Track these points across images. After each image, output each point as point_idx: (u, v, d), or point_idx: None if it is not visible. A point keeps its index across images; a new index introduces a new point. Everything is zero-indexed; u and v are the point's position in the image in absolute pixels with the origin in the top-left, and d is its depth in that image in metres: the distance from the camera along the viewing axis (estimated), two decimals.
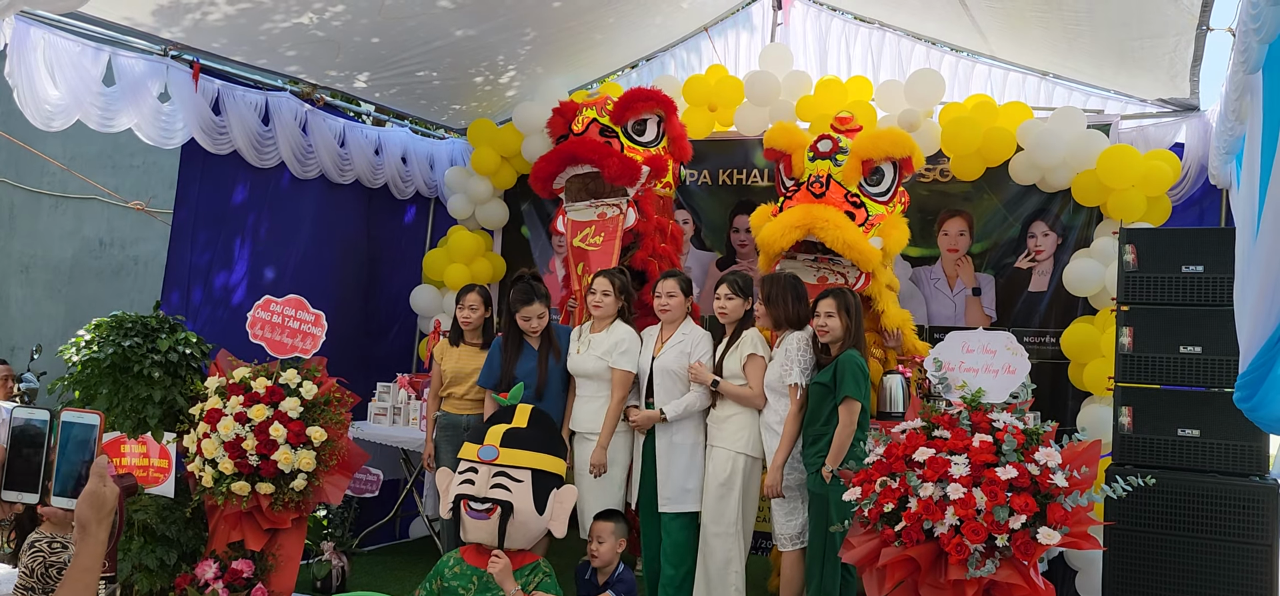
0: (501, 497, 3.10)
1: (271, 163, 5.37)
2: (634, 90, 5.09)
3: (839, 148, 4.62)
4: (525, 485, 3.13)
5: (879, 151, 4.57)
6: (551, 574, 3.27)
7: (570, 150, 4.96)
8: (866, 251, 4.39)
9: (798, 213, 4.45)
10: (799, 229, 4.40)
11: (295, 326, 4.39)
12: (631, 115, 4.98)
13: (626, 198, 4.99)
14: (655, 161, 5.02)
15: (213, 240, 5.23)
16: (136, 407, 4.13)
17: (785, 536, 4.21)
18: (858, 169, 4.56)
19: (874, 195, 4.61)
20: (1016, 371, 3.49)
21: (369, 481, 5.53)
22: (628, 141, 4.99)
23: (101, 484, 1.64)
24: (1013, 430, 3.15)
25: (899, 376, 4.50)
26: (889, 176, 4.65)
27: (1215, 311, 3.93)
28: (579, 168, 4.99)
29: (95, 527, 1.63)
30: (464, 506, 3.13)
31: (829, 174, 4.57)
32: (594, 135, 4.98)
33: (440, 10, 4.90)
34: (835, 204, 4.48)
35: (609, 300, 4.48)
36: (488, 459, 3.14)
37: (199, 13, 4.45)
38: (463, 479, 3.18)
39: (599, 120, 5.01)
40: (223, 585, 3.99)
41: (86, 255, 8.94)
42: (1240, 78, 3.42)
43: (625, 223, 4.98)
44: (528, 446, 3.18)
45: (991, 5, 4.98)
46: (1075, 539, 3.00)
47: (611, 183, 4.89)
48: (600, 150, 4.87)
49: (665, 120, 5.11)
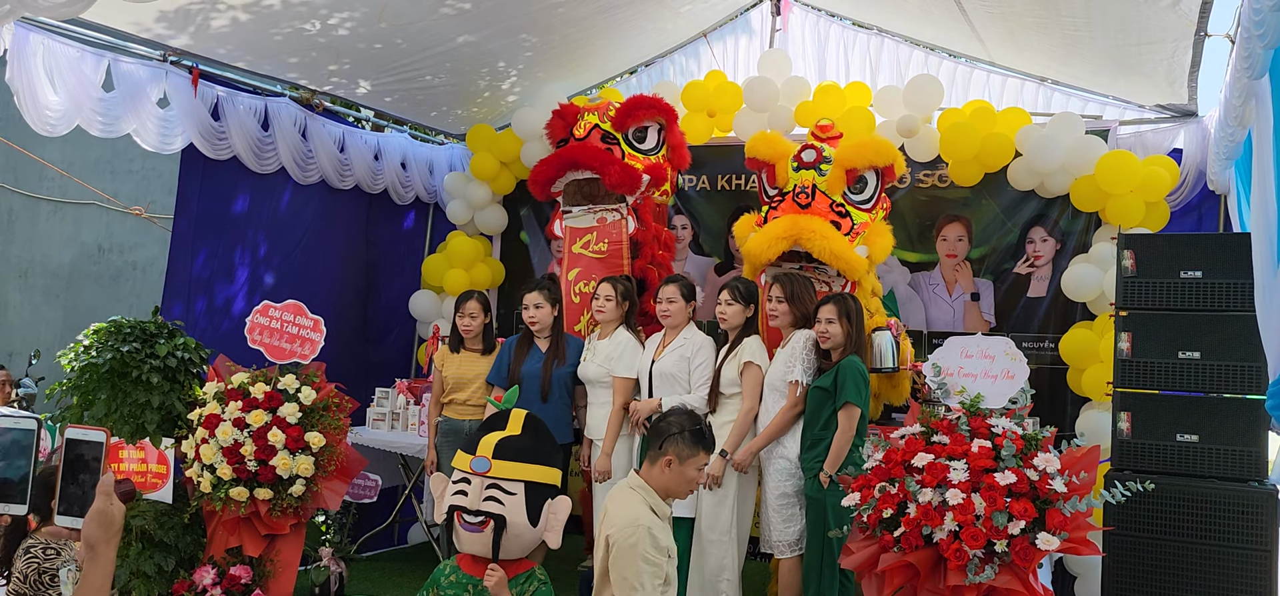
0: (494, 510, 3.08)
1: (271, 168, 5.38)
2: (636, 97, 5.09)
3: (823, 157, 4.63)
4: (518, 498, 3.11)
5: (862, 160, 4.59)
6: (547, 581, 3.25)
7: (571, 155, 4.96)
8: (853, 261, 4.40)
9: (784, 224, 4.45)
10: (786, 240, 4.41)
11: (294, 332, 4.39)
12: (633, 122, 4.99)
13: (625, 205, 4.99)
14: (656, 170, 5.02)
15: (213, 247, 5.24)
16: (135, 413, 4.13)
17: (783, 543, 4.20)
18: (842, 178, 4.58)
19: (858, 203, 4.63)
20: (1015, 377, 3.50)
21: (367, 487, 5.52)
22: (628, 148, 4.99)
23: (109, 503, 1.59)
24: (1011, 436, 3.15)
25: (888, 333, 4.49)
26: (872, 184, 4.67)
27: (1214, 317, 3.93)
28: (579, 173, 4.99)
29: (103, 548, 1.58)
30: (458, 517, 3.12)
31: (814, 184, 4.58)
32: (595, 141, 4.98)
33: (441, 17, 4.90)
34: (821, 214, 4.49)
35: (611, 305, 4.51)
36: (480, 471, 3.12)
37: (200, 19, 4.45)
38: (456, 489, 3.16)
39: (601, 126, 5.01)
40: (221, 591, 3.99)
41: (85, 260, 8.95)
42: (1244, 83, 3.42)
43: (629, 230, 4.98)
44: (521, 458, 3.15)
45: (990, 11, 4.99)
46: (1074, 544, 3.00)
47: (612, 190, 4.90)
48: (602, 157, 4.87)
49: (666, 128, 5.11)
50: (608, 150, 4.93)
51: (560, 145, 5.14)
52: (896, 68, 5.90)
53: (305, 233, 5.71)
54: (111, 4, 4.18)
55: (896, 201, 5.48)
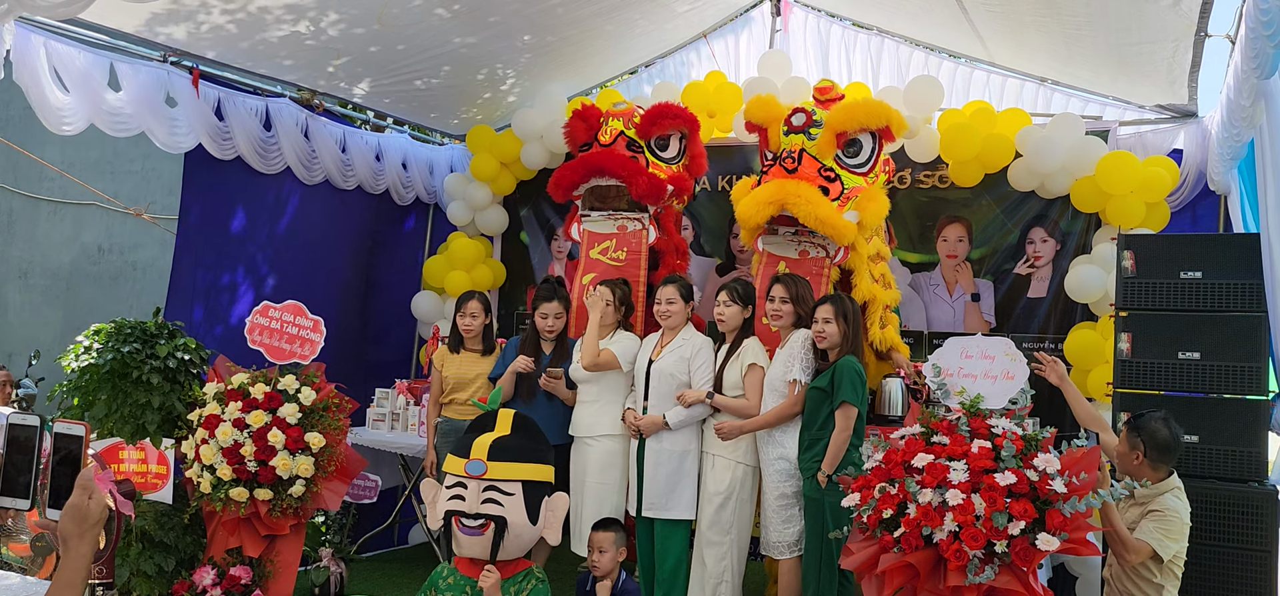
0: (494, 513, 3.08)
1: (277, 169, 5.38)
2: (660, 106, 5.02)
3: (813, 121, 4.60)
4: (517, 498, 3.11)
5: (853, 123, 4.52)
6: (544, 580, 3.25)
7: (598, 163, 4.90)
8: (840, 226, 4.35)
9: (771, 188, 4.44)
10: (772, 205, 4.39)
11: (294, 332, 4.38)
12: (657, 131, 4.95)
13: (647, 213, 4.98)
14: (679, 180, 4.99)
15: (218, 249, 5.24)
16: (135, 414, 4.13)
17: (782, 544, 4.19)
18: (832, 142, 4.52)
19: (852, 167, 4.57)
20: (1015, 377, 3.49)
21: (367, 487, 5.52)
22: (651, 156, 4.98)
23: (85, 497, 1.58)
24: (1012, 436, 3.15)
25: (899, 380, 4.49)
26: (868, 147, 4.59)
27: (1214, 317, 3.93)
28: (604, 179, 4.96)
29: (76, 542, 1.57)
30: (456, 522, 3.11)
31: (802, 148, 4.55)
32: (621, 148, 4.94)
33: (440, 18, 4.90)
34: (808, 178, 4.45)
35: (609, 309, 4.52)
36: (476, 474, 3.11)
37: (196, 20, 4.45)
38: (452, 494, 3.15)
39: (626, 133, 4.98)
40: (221, 591, 3.99)
41: (85, 261, 8.94)
42: (1252, 84, 3.42)
43: (649, 240, 4.98)
44: (516, 457, 3.15)
45: (991, 11, 4.99)
46: (1074, 545, 2.99)
47: (637, 200, 4.89)
48: (629, 167, 4.82)
49: (688, 138, 5.09)
50: (634, 159, 4.91)
51: (582, 148, 5.11)
52: (897, 68, 5.90)
53: (308, 233, 5.71)
54: (110, 4, 4.18)
55: (897, 201, 5.49)
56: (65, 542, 1.57)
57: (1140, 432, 3.42)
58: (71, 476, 1.65)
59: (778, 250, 4.72)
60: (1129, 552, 3.38)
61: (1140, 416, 3.47)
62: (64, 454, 1.69)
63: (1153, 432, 3.40)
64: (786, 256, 4.68)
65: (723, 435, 4.22)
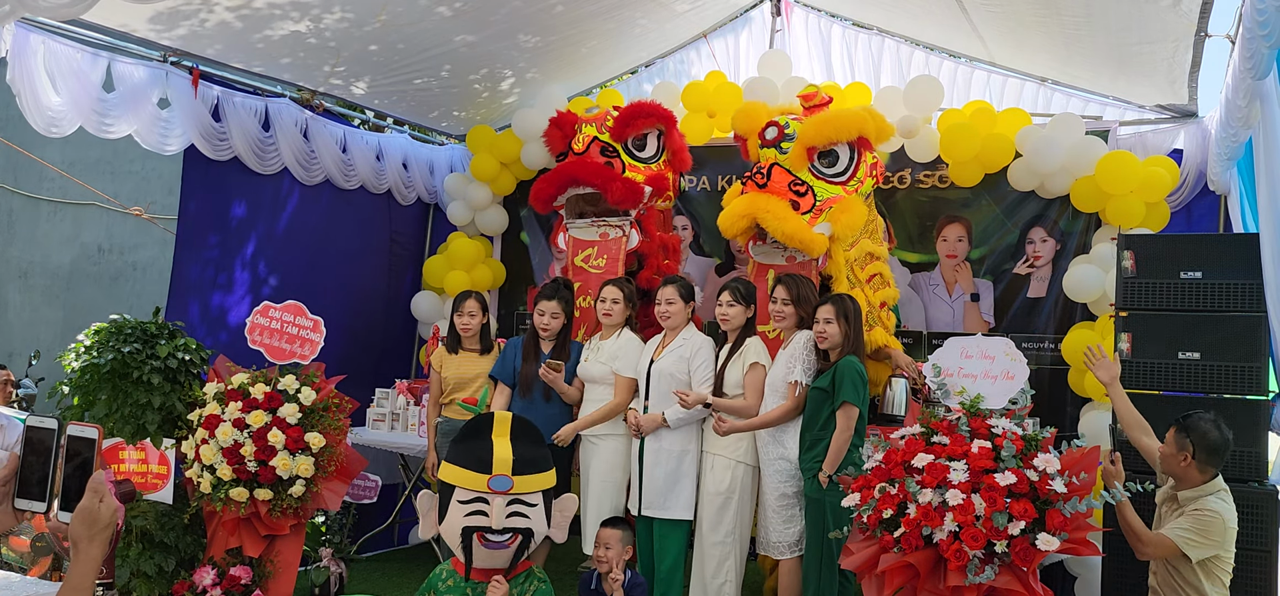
0: (522, 526, 3.12)
1: (274, 169, 5.38)
2: (633, 105, 5.04)
3: (784, 135, 4.63)
4: (539, 508, 3.17)
5: (822, 138, 4.52)
6: (546, 580, 3.27)
7: (571, 173, 4.92)
8: (808, 239, 4.35)
9: (743, 203, 4.50)
10: (744, 218, 4.46)
11: (294, 332, 4.38)
12: (632, 132, 4.96)
13: (629, 218, 4.98)
14: (657, 180, 5.00)
15: (217, 249, 5.24)
16: (135, 414, 4.12)
17: (783, 544, 4.20)
18: (803, 156, 4.55)
19: (829, 177, 4.57)
20: (1015, 377, 3.49)
21: (367, 487, 5.52)
22: (628, 159, 4.97)
23: (96, 500, 1.59)
24: (1011, 436, 3.15)
25: (904, 380, 4.48)
26: (845, 158, 4.60)
27: (1214, 317, 3.93)
28: (580, 188, 4.96)
29: (86, 544, 1.57)
30: (479, 538, 3.10)
31: (773, 163, 4.59)
32: (594, 154, 4.94)
33: (440, 18, 4.90)
34: (778, 192, 4.49)
35: (619, 308, 4.53)
36: (502, 489, 3.10)
37: (197, 20, 4.45)
38: (471, 510, 3.11)
39: (599, 138, 4.97)
40: (221, 591, 3.99)
41: (85, 261, 8.95)
42: (1248, 84, 3.42)
43: (628, 245, 4.97)
44: (536, 469, 3.19)
45: (991, 11, 4.99)
46: (1074, 545, 2.99)
47: (615, 206, 4.89)
48: (603, 174, 4.83)
49: (665, 134, 5.09)
50: (608, 165, 4.90)
51: (560, 156, 5.11)
52: (897, 68, 5.90)
53: (307, 233, 5.70)
54: (111, 4, 4.18)
55: (897, 201, 5.49)
56: (75, 545, 1.57)
57: (1190, 434, 3.35)
58: (82, 479, 1.65)
59: (765, 258, 4.77)
60: (1144, 545, 3.37)
61: (1189, 417, 3.40)
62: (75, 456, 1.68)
63: (1203, 434, 3.33)
64: (775, 264, 4.71)
65: (720, 430, 4.23)
